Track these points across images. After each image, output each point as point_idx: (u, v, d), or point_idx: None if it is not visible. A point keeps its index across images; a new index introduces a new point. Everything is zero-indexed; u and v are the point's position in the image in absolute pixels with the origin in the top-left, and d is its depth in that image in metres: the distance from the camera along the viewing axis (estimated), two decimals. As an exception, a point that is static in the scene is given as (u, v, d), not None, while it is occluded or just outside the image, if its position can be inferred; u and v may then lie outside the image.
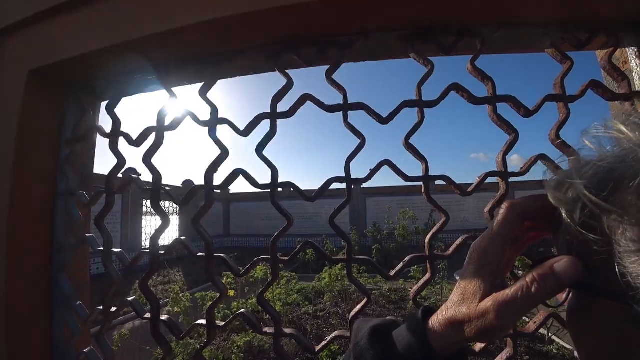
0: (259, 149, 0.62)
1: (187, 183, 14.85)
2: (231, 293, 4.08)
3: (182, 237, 0.66)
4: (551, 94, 0.64)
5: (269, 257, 0.58)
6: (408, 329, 0.33)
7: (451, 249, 0.63)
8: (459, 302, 0.31)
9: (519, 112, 0.67)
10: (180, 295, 3.63)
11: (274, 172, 0.60)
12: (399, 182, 0.61)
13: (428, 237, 0.61)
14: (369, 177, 0.61)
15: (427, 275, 0.61)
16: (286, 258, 0.58)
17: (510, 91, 0.67)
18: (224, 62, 0.73)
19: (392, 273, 0.60)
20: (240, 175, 0.63)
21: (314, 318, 4.52)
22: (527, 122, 0.69)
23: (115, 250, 0.74)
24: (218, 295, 0.64)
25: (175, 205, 14.09)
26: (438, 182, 0.66)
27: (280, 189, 0.62)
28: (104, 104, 0.85)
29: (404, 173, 0.62)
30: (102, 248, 0.76)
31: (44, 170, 0.80)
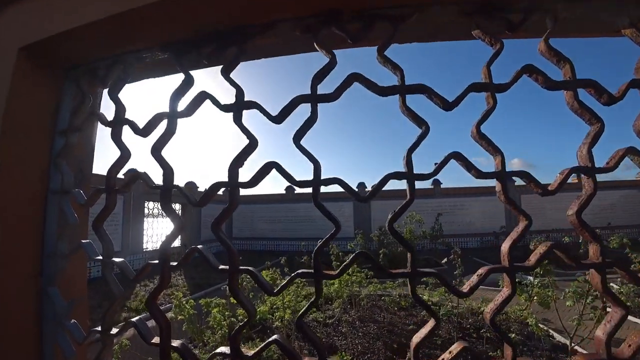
0: (297, 138, 0.50)
1: (190, 185, 14.74)
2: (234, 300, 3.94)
3: (200, 246, 0.54)
4: (635, 79, 0.55)
5: (312, 271, 0.46)
6: None
7: (534, 259, 0.50)
8: None
9: (600, 99, 0.58)
10: (184, 301, 3.48)
11: (317, 167, 0.48)
12: (404, 185, 0.48)
13: (507, 244, 0.49)
14: (435, 172, 0.49)
15: (507, 291, 0.49)
16: (334, 272, 0.46)
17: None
18: (250, 38, 0.61)
19: (466, 289, 0.47)
20: (274, 170, 0.51)
21: (323, 325, 4.36)
22: (525, 122, 0.58)
23: (117, 260, 0.62)
24: (224, 304, 0.51)
25: (178, 207, 13.98)
26: (447, 184, 0.55)
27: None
28: (105, 91, 0.73)
29: (477, 168, 0.50)
30: (100, 257, 0.64)
31: (35, 164, 0.69)
